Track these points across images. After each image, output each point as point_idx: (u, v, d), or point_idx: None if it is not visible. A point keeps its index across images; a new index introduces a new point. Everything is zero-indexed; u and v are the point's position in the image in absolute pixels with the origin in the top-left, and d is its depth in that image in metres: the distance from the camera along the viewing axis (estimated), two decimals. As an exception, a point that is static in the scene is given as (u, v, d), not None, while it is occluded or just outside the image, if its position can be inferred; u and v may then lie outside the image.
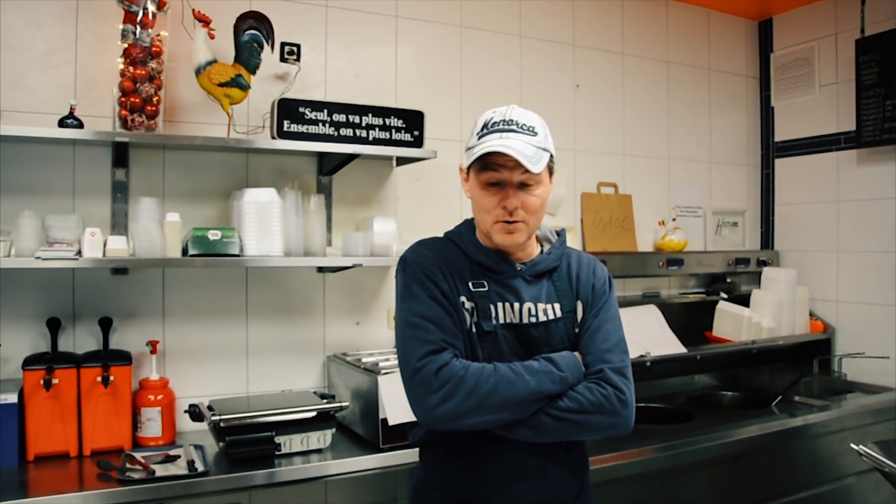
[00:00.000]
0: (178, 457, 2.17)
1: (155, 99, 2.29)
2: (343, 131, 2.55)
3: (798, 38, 3.82)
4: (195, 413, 2.25)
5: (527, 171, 1.53)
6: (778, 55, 3.92)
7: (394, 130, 2.63)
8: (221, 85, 2.37)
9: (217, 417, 2.15)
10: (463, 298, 1.61)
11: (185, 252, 2.30)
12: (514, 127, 1.57)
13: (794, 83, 3.83)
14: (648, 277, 3.51)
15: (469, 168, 1.62)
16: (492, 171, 1.56)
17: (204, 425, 2.26)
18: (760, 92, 4.01)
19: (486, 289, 1.63)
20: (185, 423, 2.37)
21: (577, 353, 1.61)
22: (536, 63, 3.29)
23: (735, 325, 3.38)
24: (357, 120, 2.58)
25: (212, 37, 2.39)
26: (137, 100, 2.26)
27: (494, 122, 1.58)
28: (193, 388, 2.50)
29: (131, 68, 2.26)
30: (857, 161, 3.53)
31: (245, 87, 2.43)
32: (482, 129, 1.59)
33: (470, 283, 1.62)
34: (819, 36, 3.71)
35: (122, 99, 2.26)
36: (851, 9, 3.51)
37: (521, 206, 1.57)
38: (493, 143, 1.54)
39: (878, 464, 2.09)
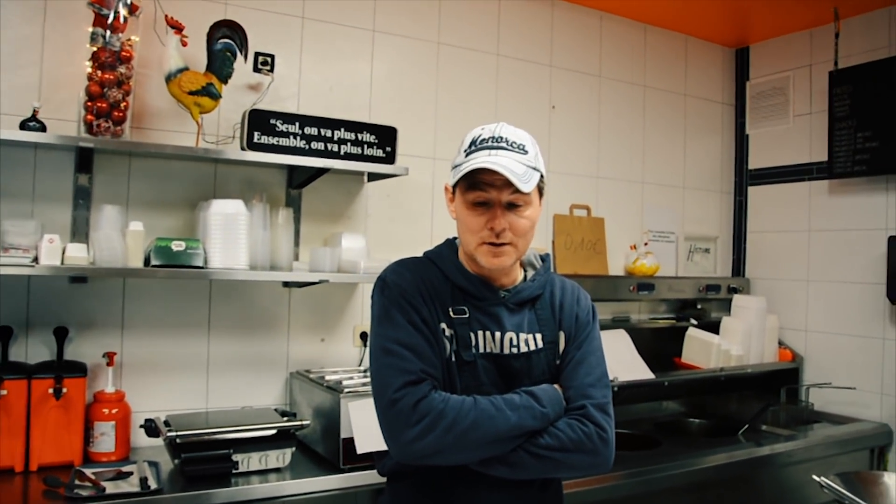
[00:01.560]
0: (131, 473, 2.10)
1: (122, 104, 2.24)
2: (314, 145, 2.51)
3: (774, 68, 3.86)
4: (151, 428, 2.19)
5: (516, 190, 1.46)
6: (754, 83, 3.96)
7: (366, 146, 2.59)
8: (192, 93, 2.33)
9: (173, 433, 2.09)
10: (443, 325, 1.53)
11: (147, 262, 2.25)
12: (504, 144, 1.50)
13: (769, 112, 3.87)
14: (619, 302, 3.50)
15: (455, 187, 1.54)
16: (479, 190, 1.48)
17: (160, 441, 2.21)
18: (736, 119, 4.05)
19: (467, 316, 1.55)
20: (140, 438, 2.30)
21: (557, 387, 1.55)
22: (513, 82, 3.28)
23: (704, 351, 3.38)
24: (329, 134, 2.54)
25: (184, 44, 2.35)
26: (104, 105, 2.20)
27: (483, 139, 1.51)
28: (151, 402, 2.43)
29: (99, 72, 2.21)
30: (829, 191, 3.57)
31: (216, 97, 2.39)
32: (470, 146, 1.52)
33: (450, 309, 1.55)
34: (794, 66, 3.75)
35: (89, 103, 2.21)
36: (826, 41, 3.55)
37: (510, 227, 1.49)
38: (482, 159, 1.46)
39: (839, 496, 2.10)
